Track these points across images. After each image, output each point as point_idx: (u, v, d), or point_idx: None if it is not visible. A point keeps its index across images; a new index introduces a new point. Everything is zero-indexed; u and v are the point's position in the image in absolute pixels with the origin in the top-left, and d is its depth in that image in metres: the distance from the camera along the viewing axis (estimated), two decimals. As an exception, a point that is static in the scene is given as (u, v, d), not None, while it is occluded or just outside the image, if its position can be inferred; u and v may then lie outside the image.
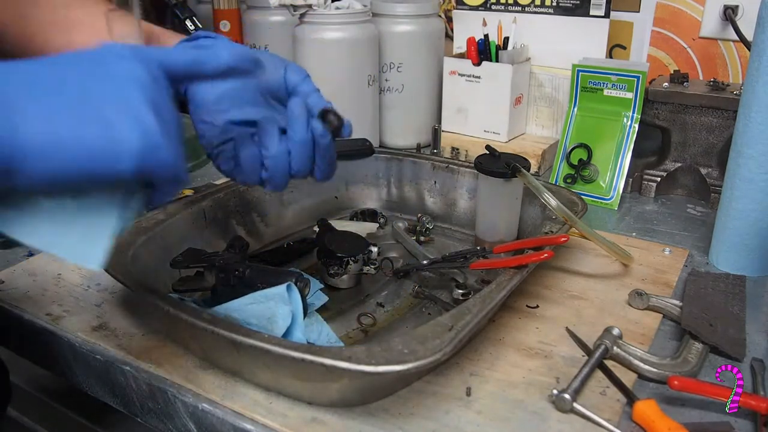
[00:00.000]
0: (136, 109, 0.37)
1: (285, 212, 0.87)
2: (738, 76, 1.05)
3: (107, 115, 0.36)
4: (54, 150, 0.35)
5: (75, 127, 0.35)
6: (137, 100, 0.38)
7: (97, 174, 0.37)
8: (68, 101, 0.36)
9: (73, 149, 0.35)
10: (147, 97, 0.38)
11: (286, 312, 0.57)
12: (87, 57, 0.39)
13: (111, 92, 0.37)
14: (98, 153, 0.36)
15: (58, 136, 0.35)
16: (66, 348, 0.63)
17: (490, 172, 0.77)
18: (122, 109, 0.37)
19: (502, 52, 1.05)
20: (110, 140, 0.36)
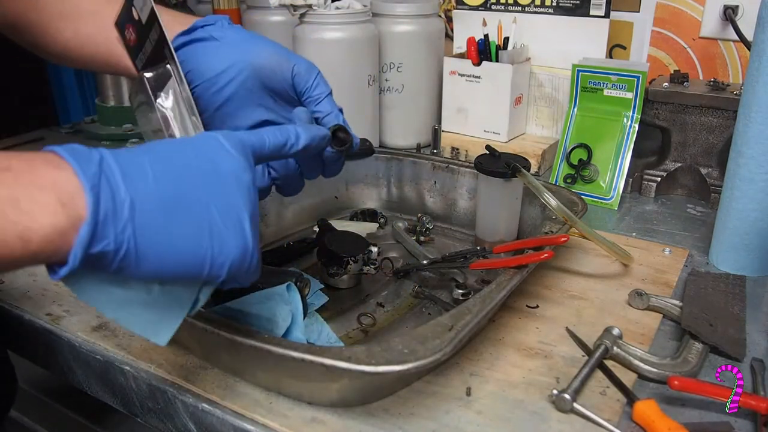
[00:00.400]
0: (240, 222, 0.40)
1: (285, 212, 0.87)
2: (738, 76, 1.05)
3: (216, 227, 0.38)
4: (166, 259, 0.36)
5: (188, 238, 0.37)
6: (242, 211, 0.40)
7: (193, 276, 0.39)
8: (185, 209, 0.37)
9: (183, 258, 0.37)
10: (249, 206, 0.41)
11: (286, 312, 0.57)
12: (194, 151, 0.40)
13: (221, 199, 0.39)
14: (202, 262, 0.38)
15: (173, 247, 0.36)
16: (66, 348, 0.63)
17: (490, 172, 0.77)
18: (229, 221, 0.39)
19: (502, 52, 1.05)
20: (216, 254, 0.39)
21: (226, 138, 0.42)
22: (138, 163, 0.36)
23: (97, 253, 0.34)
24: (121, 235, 0.34)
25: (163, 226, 0.36)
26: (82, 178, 0.33)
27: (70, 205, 0.33)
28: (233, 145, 0.42)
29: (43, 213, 0.32)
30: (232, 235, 0.39)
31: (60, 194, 0.32)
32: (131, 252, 0.35)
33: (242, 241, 0.40)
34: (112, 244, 0.34)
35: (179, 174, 0.38)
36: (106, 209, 0.33)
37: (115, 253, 0.34)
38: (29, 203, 0.32)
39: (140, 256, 0.35)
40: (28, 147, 0.97)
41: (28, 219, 0.31)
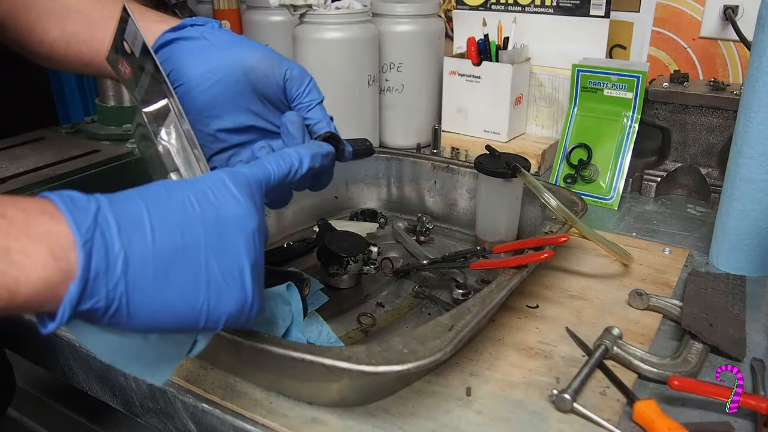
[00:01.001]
0: (241, 274, 0.38)
1: (285, 212, 0.87)
2: (738, 76, 1.05)
3: (215, 281, 0.37)
4: (159, 314, 0.35)
5: (184, 293, 0.36)
6: (243, 262, 0.38)
7: (187, 329, 0.38)
8: (182, 263, 0.35)
9: (177, 313, 0.36)
10: (252, 255, 0.39)
11: (286, 312, 0.57)
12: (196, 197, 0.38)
13: (221, 251, 0.37)
14: (197, 317, 0.37)
15: (167, 303, 0.35)
16: (66, 348, 0.63)
17: (490, 172, 0.77)
18: (229, 273, 0.37)
19: (502, 52, 1.05)
20: (213, 308, 0.37)
21: (232, 180, 0.40)
22: (136, 213, 0.35)
23: (85, 310, 0.33)
24: (112, 293, 0.33)
25: (157, 282, 0.34)
26: (76, 232, 0.32)
27: (62, 259, 0.31)
28: (239, 188, 0.40)
29: (34, 266, 0.31)
30: (231, 288, 0.38)
31: (52, 247, 0.31)
32: (123, 309, 0.34)
33: (241, 294, 0.38)
34: (102, 302, 0.33)
35: (178, 225, 0.36)
36: (98, 266, 0.32)
37: (106, 309, 0.33)
38: (20, 255, 0.31)
39: (132, 312, 0.34)
40: (28, 146, 0.97)
41: (18, 271, 0.30)
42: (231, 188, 0.40)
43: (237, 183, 0.40)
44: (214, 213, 0.38)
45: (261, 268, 0.41)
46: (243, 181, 0.41)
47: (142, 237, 0.34)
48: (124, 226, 0.33)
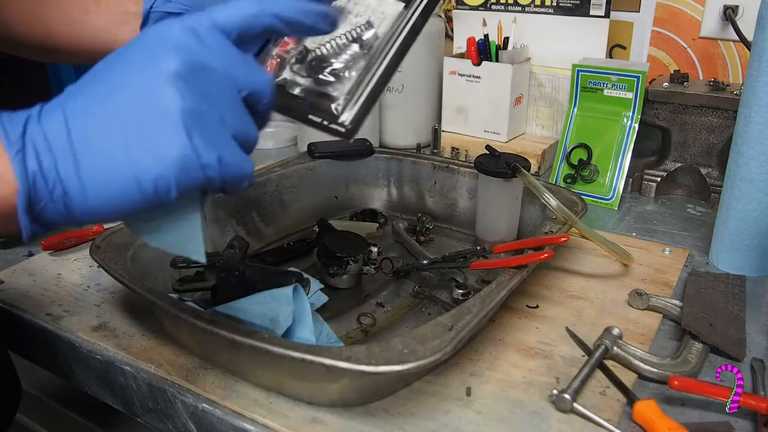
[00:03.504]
0: (166, 131, 0.35)
1: (285, 212, 0.87)
2: (738, 76, 1.05)
3: (135, 150, 0.35)
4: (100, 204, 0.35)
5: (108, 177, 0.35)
6: (168, 116, 0.34)
7: (150, 206, 0.36)
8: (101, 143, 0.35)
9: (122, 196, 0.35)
10: (181, 106, 0.35)
11: (288, 312, 0.57)
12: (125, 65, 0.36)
13: (140, 112, 0.35)
14: (143, 193, 0.35)
15: (97, 192, 0.35)
16: (66, 348, 0.63)
17: (490, 172, 0.77)
18: (152, 134, 0.34)
19: (502, 52, 1.05)
20: (152, 180, 0.35)
21: (161, 27, 0.37)
22: (60, 115, 0.35)
23: (43, 212, 0.35)
24: (54, 192, 0.35)
25: (85, 171, 0.34)
26: (7, 145, 0.34)
27: (5, 172, 0.34)
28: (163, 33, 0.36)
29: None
30: (159, 148, 0.34)
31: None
32: (70, 205, 0.35)
33: (174, 150, 0.34)
34: (50, 204, 0.35)
35: (94, 109, 0.35)
36: (34, 170, 0.34)
37: (57, 210, 0.35)
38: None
39: (78, 205, 0.35)
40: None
41: None
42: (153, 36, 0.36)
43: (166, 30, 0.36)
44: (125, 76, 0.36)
45: (206, 115, 0.36)
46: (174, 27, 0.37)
47: (61, 136, 0.34)
48: (48, 130, 0.35)
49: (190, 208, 0.41)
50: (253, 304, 0.57)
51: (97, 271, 0.73)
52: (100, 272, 0.73)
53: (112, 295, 0.69)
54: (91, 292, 0.70)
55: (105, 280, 0.71)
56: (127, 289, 0.60)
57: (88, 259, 0.69)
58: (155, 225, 0.42)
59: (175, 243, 0.42)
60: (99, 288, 0.70)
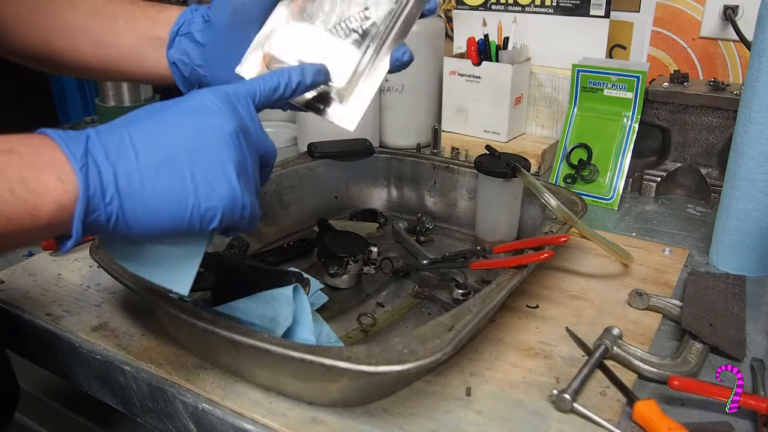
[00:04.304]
0: (225, 173, 0.41)
1: (285, 212, 0.87)
2: (738, 76, 1.05)
3: (200, 183, 0.41)
4: (154, 217, 0.40)
5: (172, 198, 0.40)
6: (226, 162, 0.41)
7: (186, 228, 0.41)
8: (167, 170, 0.40)
9: (170, 215, 0.40)
10: (234, 155, 0.42)
11: (288, 312, 0.57)
12: (178, 114, 0.42)
13: (201, 155, 0.41)
14: (190, 216, 0.41)
15: (158, 208, 0.40)
16: (66, 348, 0.63)
17: (490, 172, 0.77)
18: (213, 174, 0.41)
19: (502, 52, 1.05)
20: (203, 207, 0.41)
21: (213, 94, 0.44)
22: (119, 138, 0.40)
23: (93, 223, 0.39)
24: (109, 206, 0.38)
25: (146, 192, 0.39)
26: (71, 159, 0.37)
27: (68, 182, 0.37)
28: (219, 99, 0.43)
29: (47, 191, 0.36)
30: (216, 187, 0.41)
31: (58, 174, 0.37)
32: (120, 218, 0.39)
33: (228, 190, 0.41)
34: (102, 214, 0.38)
35: (159, 141, 0.40)
36: (95, 186, 0.38)
37: (107, 221, 0.39)
38: (35, 183, 0.36)
39: (130, 219, 0.39)
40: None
41: (36, 197, 0.36)
42: (211, 99, 0.43)
43: (217, 96, 0.44)
44: (194, 124, 0.42)
45: (247, 167, 0.44)
46: (223, 94, 0.44)
47: (126, 157, 0.39)
48: (110, 150, 0.39)
49: (197, 247, 0.46)
50: (253, 304, 0.57)
51: (97, 271, 0.73)
52: (100, 272, 0.73)
53: (112, 295, 0.69)
54: (91, 292, 0.70)
55: (105, 280, 0.71)
56: (127, 289, 0.60)
57: (88, 259, 0.69)
58: (152, 254, 0.46)
59: (166, 274, 0.46)
60: (99, 288, 0.70)
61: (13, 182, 0.36)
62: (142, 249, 0.45)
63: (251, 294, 0.58)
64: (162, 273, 0.46)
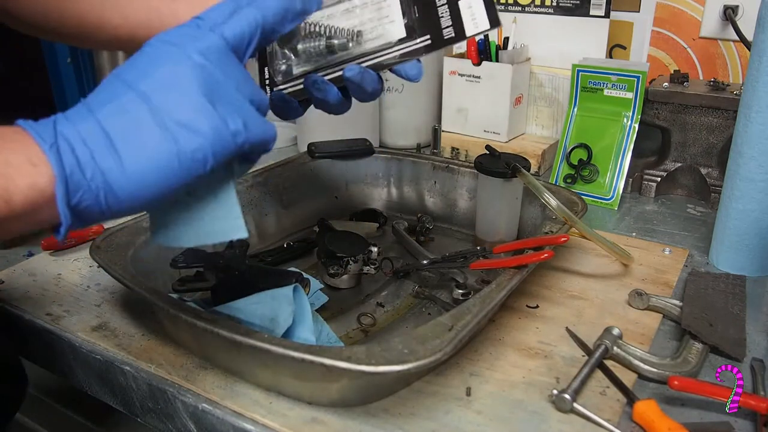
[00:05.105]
0: (197, 106, 0.38)
1: (285, 212, 0.87)
2: (738, 76, 1.05)
3: (174, 126, 0.38)
4: (142, 184, 0.37)
5: (153, 152, 0.37)
6: (193, 95, 0.38)
7: (189, 181, 0.39)
8: (135, 129, 0.37)
9: (159, 172, 0.37)
10: (199, 83, 0.38)
11: (288, 312, 0.57)
12: (135, 68, 0.39)
13: (163, 97, 0.38)
14: (180, 164, 0.38)
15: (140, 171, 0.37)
16: (66, 348, 0.63)
17: (490, 172, 0.77)
18: (185, 112, 0.38)
19: (502, 52, 1.05)
20: (188, 150, 0.38)
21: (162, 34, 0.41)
22: (85, 114, 0.38)
23: (80, 204, 0.37)
24: (93, 182, 0.36)
25: (126, 158, 0.37)
26: (39, 141, 0.36)
27: (40, 163, 0.36)
28: (164, 35, 0.40)
29: (18, 174, 0.35)
30: (189, 123, 0.38)
31: (29, 156, 0.36)
32: (109, 192, 0.37)
33: (204, 122, 0.38)
34: (87, 193, 0.36)
35: (118, 104, 0.38)
36: (70, 162, 0.36)
37: (96, 198, 0.37)
38: (5, 166, 0.35)
39: (118, 192, 0.37)
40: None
41: (6, 180, 0.35)
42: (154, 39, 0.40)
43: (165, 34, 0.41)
44: (150, 72, 0.39)
45: (224, 87, 0.40)
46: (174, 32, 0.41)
47: (94, 130, 0.37)
48: (79, 128, 0.37)
49: (223, 185, 0.43)
50: (253, 304, 0.57)
51: (97, 271, 0.73)
52: (100, 272, 0.73)
53: (112, 295, 0.69)
54: (91, 292, 0.70)
55: (105, 280, 0.71)
56: (127, 289, 0.60)
57: (88, 259, 0.69)
58: (190, 217, 0.44)
59: (215, 227, 0.44)
60: (99, 288, 0.70)
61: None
62: (177, 219, 0.44)
63: (251, 294, 0.58)
64: (209, 230, 0.44)
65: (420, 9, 0.53)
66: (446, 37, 0.52)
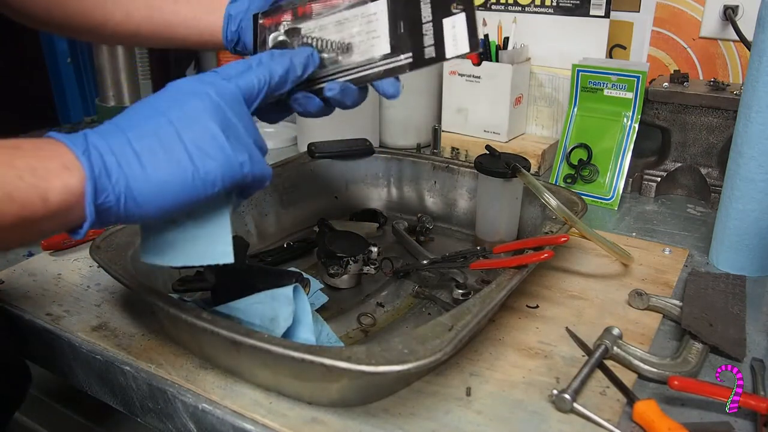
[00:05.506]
0: (212, 137, 0.44)
1: (285, 212, 0.87)
2: (738, 76, 1.05)
3: (193, 151, 0.43)
4: (160, 192, 0.43)
5: (171, 169, 0.43)
6: (208, 126, 0.44)
7: (194, 198, 0.44)
8: (161, 148, 0.43)
9: (175, 186, 0.43)
10: (217, 118, 0.45)
11: (288, 313, 0.57)
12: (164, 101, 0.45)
13: (187, 126, 0.44)
14: (192, 183, 0.43)
15: (162, 182, 0.42)
16: (66, 348, 0.63)
17: (490, 172, 0.77)
18: (202, 141, 0.44)
19: (502, 52, 1.05)
20: (202, 173, 0.43)
21: (187, 78, 0.47)
22: (114, 130, 0.43)
23: (103, 205, 0.41)
24: (117, 186, 0.41)
25: (148, 169, 0.42)
26: (73, 147, 0.41)
27: (73, 167, 0.40)
28: (191, 79, 0.47)
29: (54, 177, 0.39)
30: (208, 150, 0.44)
31: (63, 161, 0.40)
32: (129, 197, 0.42)
33: (219, 151, 0.44)
34: (111, 195, 0.41)
35: (148, 125, 0.44)
36: (99, 167, 0.41)
37: (117, 201, 0.41)
38: (43, 171, 0.39)
39: (138, 197, 0.42)
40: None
41: (45, 182, 0.39)
42: (185, 81, 0.47)
43: (192, 78, 0.47)
44: (173, 102, 0.45)
45: (236, 127, 0.46)
46: (196, 78, 0.47)
47: (123, 144, 0.42)
48: (108, 140, 0.42)
49: (221, 212, 0.48)
50: (253, 304, 0.57)
51: (97, 271, 0.73)
52: (100, 272, 0.73)
53: (112, 295, 0.69)
54: (91, 292, 0.70)
55: (105, 280, 0.71)
56: (127, 289, 0.60)
57: (88, 259, 0.69)
58: (184, 239, 0.48)
59: (205, 250, 0.48)
60: (99, 288, 0.70)
61: (22, 170, 0.38)
62: (171, 240, 0.48)
63: (251, 294, 0.58)
64: (199, 253, 0.48)
65: (406, 25, 0.53)
66: (427, 56, 0.53)
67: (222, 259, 0.47)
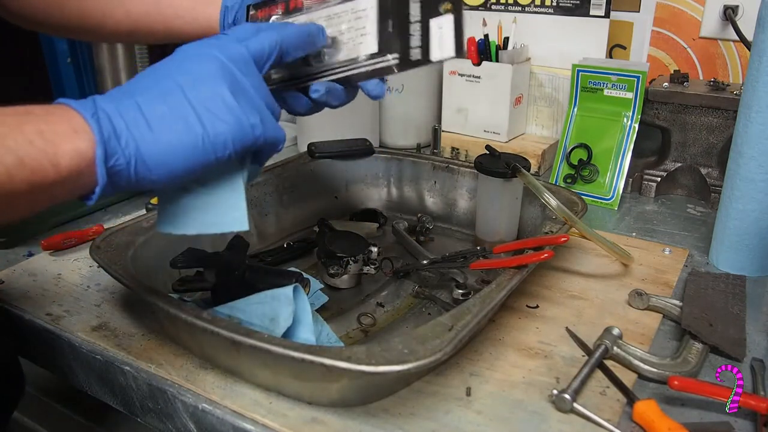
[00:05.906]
0: (221, 98, 0.43)
1: (285, 212, 0.87)
2: (738, 76, 1.05)
3: (203, 113, 0.43)
4: (171, 155, 0.42)
5: (181, 132, 0.42)
6: (218, 87, 0.44)
7: (206, 162, 0.43)
8: (170, 111, 0.42)
9: (185, 150, 0.42)
10: (226, 80, 0.44)
11: (288, 313, 0.57)
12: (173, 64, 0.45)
13: (194, 85, 0.43)
14: (203, 146, 0.43)
15: (172, 144, 0.42)
16: (66, 348, 0.63)
17: (490, 172, 0.77)
18: (211, 102, 0.43)
19: (502, 52, 1.05)
20: (212, 135, 0.43)
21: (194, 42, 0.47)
22: (123, 93, 0.43)
23: (114, 168, 0.41)
24: (126, 150, 0.41)
25: (157, 132, 0.42)
26: (82, 111, 0.41)
27: (82, 130, 0.40)
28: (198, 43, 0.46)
29: (64, 140, 0.39)
30: (217, 112, 0.43)
31: (72, 125, 0.40)
32: (140, 160, 0.41)
33: (228, 113, 0.43)
34: (122, 158, 0.41)
35: (156, 88, 0.43)
36: (108, 130, 0.41)
37: (128, 165, 0.41)
38: (52, 134, 0.39)
39: (149, 161, 0.42)
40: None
41: (54, 146, 0.39)
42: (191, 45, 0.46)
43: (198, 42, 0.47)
44: (181, 66, 0.45)
45: (246, 88, 0.45)
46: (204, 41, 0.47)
47: (131, 107, 0.42)
48: (117, 103, 0.42)
49: (234, 178, 0.47)
50: (253, 304, 0.57)
51: (97, 271, 0.73)
52: (100, 272, 0.73)
53: (112, 295, 0.69)
54: (91, 292, 0.70)
55: (105, 280, 0.71)
56: (127, 289, 0.60)
57: (88, 259, 0.69)
58: (197, 207, 0.47)
59: (220, 218, 0.47)
60: (99, 288, 0.70)
61: (32, 135, 0.38)
62: (185, 208, 0.48)
63: (251, 294, 0.58)
64: (213, 220, 0.47)
65: (395, 23, 0.52)
66: (413, 58, 0.52)
67: (236, 226, 0.47)
